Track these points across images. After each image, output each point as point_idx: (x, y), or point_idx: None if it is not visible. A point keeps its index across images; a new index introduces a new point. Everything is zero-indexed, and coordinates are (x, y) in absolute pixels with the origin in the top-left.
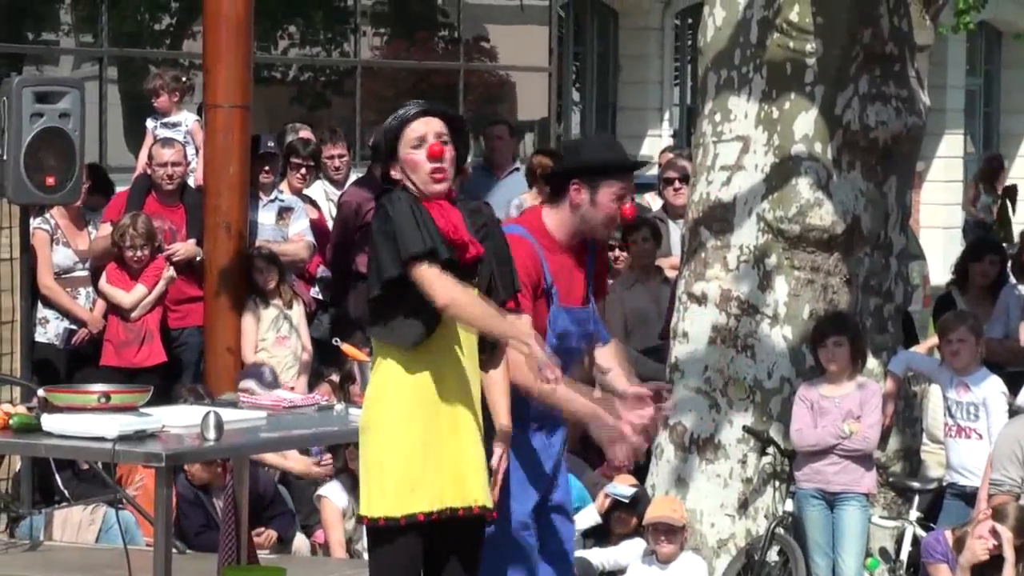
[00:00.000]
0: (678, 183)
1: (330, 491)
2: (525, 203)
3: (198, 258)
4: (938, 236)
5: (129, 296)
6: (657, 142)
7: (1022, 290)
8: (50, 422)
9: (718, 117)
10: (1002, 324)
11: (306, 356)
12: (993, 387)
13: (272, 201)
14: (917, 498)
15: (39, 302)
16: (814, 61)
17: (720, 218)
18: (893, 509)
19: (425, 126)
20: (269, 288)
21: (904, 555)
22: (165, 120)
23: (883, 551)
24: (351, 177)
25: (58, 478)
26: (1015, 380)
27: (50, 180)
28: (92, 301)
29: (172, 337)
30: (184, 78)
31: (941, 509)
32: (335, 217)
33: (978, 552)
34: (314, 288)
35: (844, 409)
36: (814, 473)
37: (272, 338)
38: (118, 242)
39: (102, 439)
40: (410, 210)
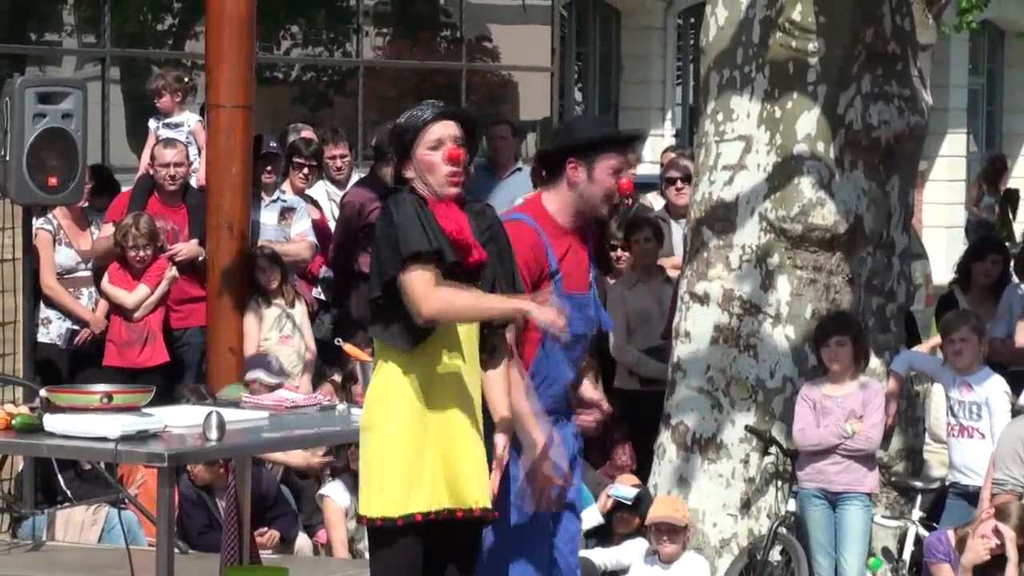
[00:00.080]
0: (680, 183)
1: (332, 491)
2: None
3: (200, 258)
4: (941, 235)
5: (132, 296)
6: (659, 142)
7: None
8: (52, 422)
9: (720, 116)
10: (1005, 323)
11: (309, 355)
12: (996, 386)
13: (274, 201)
14: (920, 498)
15: (41, 302)
16: (816, 60)
17: (722, 218)
18: (896, 509)
19: (444, 128)
20: (271, 288)
21: (907, 555)
22: (167, 120)
23: (885, 551)
24: (353, 177)
25: (60, 478)
26: (1018, 379)
27: (52, 180)
28: (94, 301)
29: (174, 337)
30: (186, 78)
31: (943, 509)
32: (337, 217)
33: (980, 551)
34: (316, 288)
35: (846, 409)
36: (816, 473)
37: (275, 337)
38: (121, 242)
39: (104, 439)
40: (415, 212)
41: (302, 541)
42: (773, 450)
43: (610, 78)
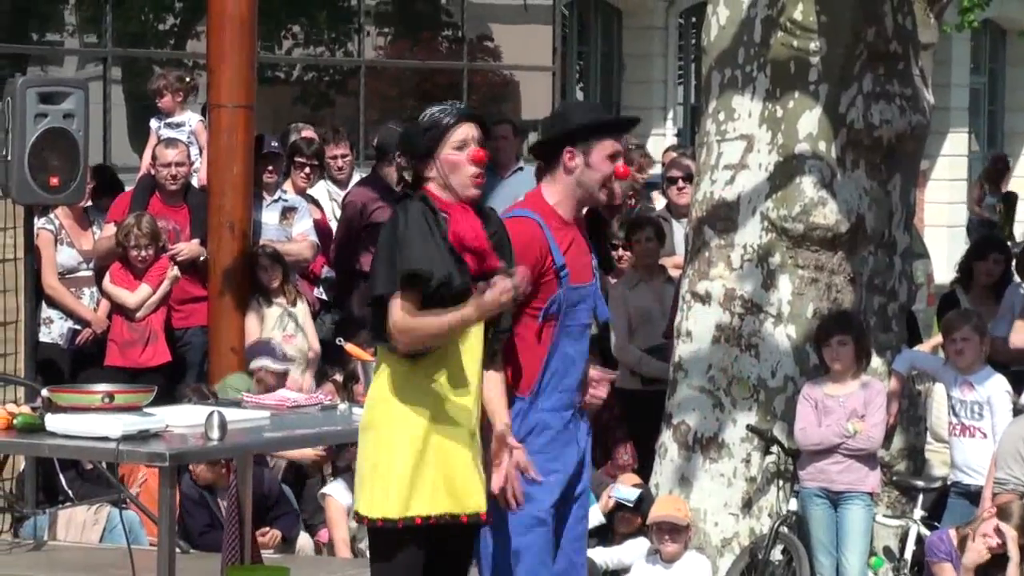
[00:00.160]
0: (682, 182)
1: (334, 490)
2: None
3: (202, 258)
4: (942, 234)
5: (133, 296)
6: (661, 141)
7: None
8: (54, 422)
9: (722, 116)
10: (1006, 323)
11: (312, 354)
12: (997, 386)
13: (276, 201)
14: (921, 497)
15: (43, 302)
16: (818, 60)
17: (724, 217)
18: (897, 508)
19: (469, 130)
20: (273, 287)
21: (908, 554)
22: (169, 120)
23: (887, 550)
24: (354, 177)
25: (62, 478)
26: (1019, 379)
27: (54, 180)
28: (96, 301)
29: (176, 337)
30: (188, 78)
31: (945, 508)
32: (339, 217)
33: (982, 551)
34: (318, 288)
35: (848, 408)
36: (818, 472)
37: (279, 337)
38: (122, 242)
39: (106, 439)
40: (422, 225)
41: (304, 540)
42: (775, 449)
43: (612, 77)
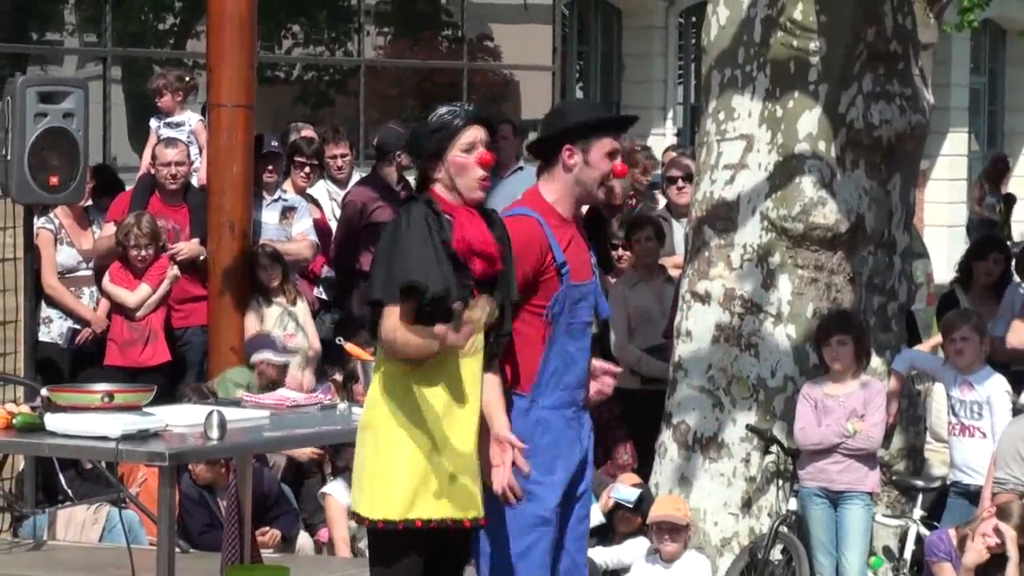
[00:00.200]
0: (681, 182)
1: (334, 489)
2: None
3: (202, 257)
4: (942, 234)
5: (133, 295)
6: (661, 141)
7: None
8: (53, 421)
9: (722, 116)
10: (1006, 323)
11: (312, 352)
12: (997, 386)
13: (275, 200)
14: (921, 497)
15: (43, 301)
16: (818, 59)
17: (724, 217)
18: (897, 508)
19: (477, 132)
20: (272, 287)
21: (908, 554)
22: (169, 120)
23: (887, 550)
24: (354, 176)
25: (62, 477)
26: (1019, 379)
27: (54, 180)
28: (96, 301)
29: (176, 336)
30: (187, 78)
31: (945, 508)
32: (339, 216)
33: (982, 551)
34: (317, 288)
35: (848, 408)
36: (818, 472)
37: (279, 336)
38: (122, 241)
39: (105, 438)
40: (424, 232)
41: (303, 540)
42: (774, 449)
43: (611, 77)
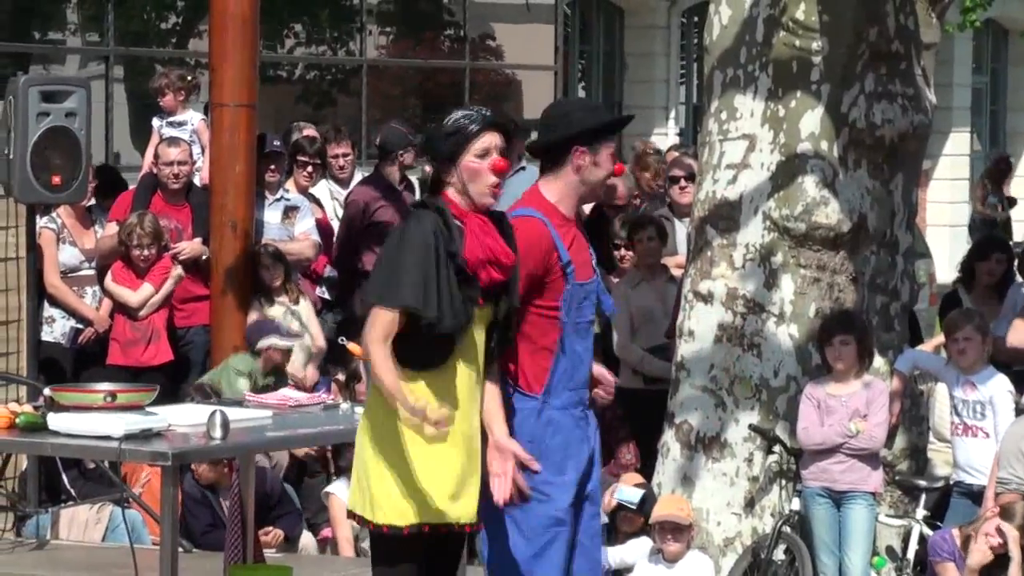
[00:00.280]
0: (684, 181)
1: (338, 488)
2: None
3: (204, 257)
4: (944, 234)
5: (136, 295)
6: (663, 140)
7: None
8: (56, 421)
9: (724, 115)
10: (1008, 322)
11: (316, 349)
12: (1000, 385)
13: (278, 200)
14: (924, 497)
15: (45, 301)
16: (820, 59)
17: (726, 216)
18: (900, 508)
19: (492, 139)
20: (275, 286)
21: (911, 554)
22: (171, 119)
23: (889, 549)
24: (356, 176)
25: (64, 477)
26: (1022, 378)
27: (56, 179)
28: (98, 300)
29: (178, 336)
30: (190, 77)
31: (948, 508)
32: (341, 216)
33: (985, 551)
34: (320, 288)
35: (851, 408)
36: (820, 472)
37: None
38: (125, 241)
39: (108, 438)
40: (430, 245)
41: (306, 540)
42: (777, 449)
43: (614, 77)
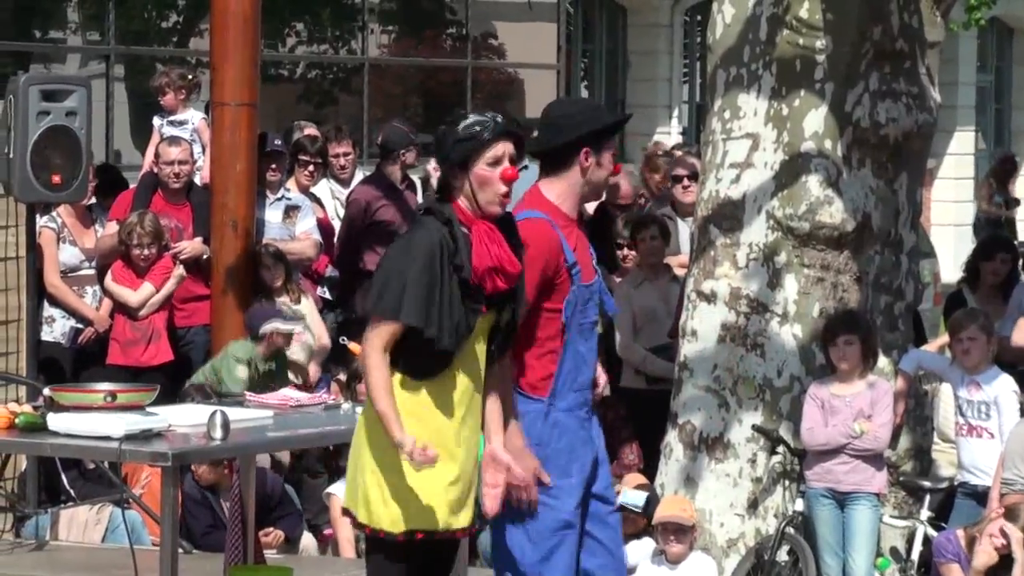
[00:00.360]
0: (687, 181)
1: (339, 489)
2: None
3: (205, 256)
4: (949, 233)
5: (136, 295)
6: (666, 139)
7: None
8: (56, 421)
9: (727, 114)
10: (1013, 322)
11: (318, 347)
12: (1004, 386)
13: (279, 199)
14: (928, 497)
15: (45, 301)
16: (824, 58)
17: (729, 216)
18: (904, 508)
19: (505, 147)
20: (276, 286)
21: (915, 555)
22: (172, 118)
23: (894, 551)
24: (357, 175)
25: (64, 477)
26: None
27: (56, 178)
28: (99, 300)
29: (179, 336)
30: (190, 76)
31: (952, 509)
32: (343, 215)
33: (991, 552)
34: (321, 288)
35: (855, 408)
36: (824, 472)
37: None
38: (125, 240)
39: (108, 438)
40: (435, 259)
41: (307, 541)
42: (780, 449)
43: (616, 75)
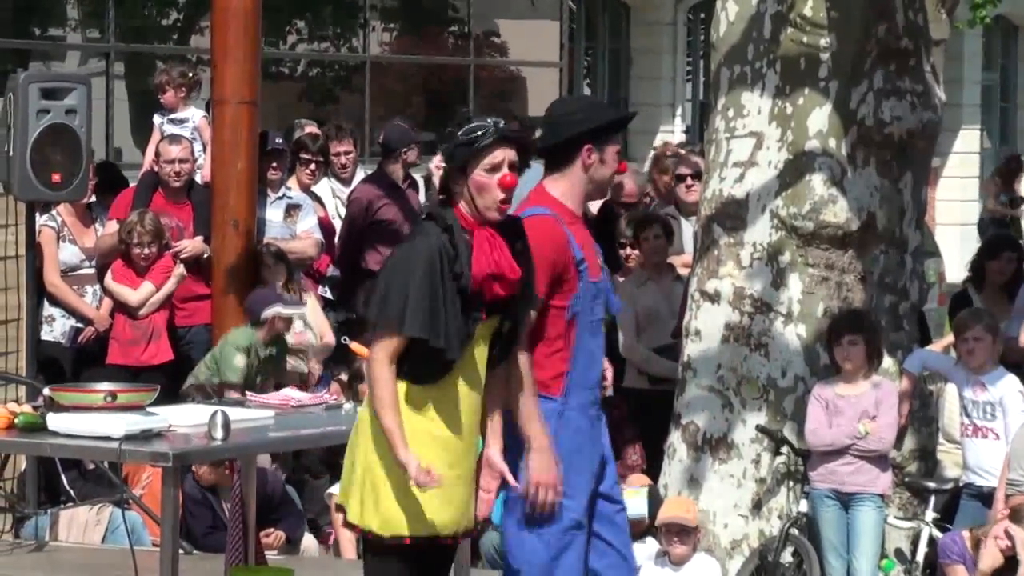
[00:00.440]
0: (691, 180)
1: None
2: None
3: (205, 255)
4: (954, 233)
5: (136, 294)
6: (669, 138)
7: None
8: (56, 421)
9: (731, 113)
10: (1019, 322)
11: (321, 344)
12: (1010, 386)
13: (280, 198)
14: (933, 498)
15: (45, 300)
16: (828, 56)
17: (733, 215)
18: (909, 510)
19: (504, 153)
20: (277, 285)
21: (920, 556)
22: (172, 116)
23: (899, 552)
24: (358, 174)
25: (64, 478)
26: None
27: (56, 177)
28: (99, 299)
29: (179, 335)
30: (191, 73)
31: (957, 510)
32: (344, 214)
33: (997, 554)
34: (322, 287)
35: (859, 408)
36: (829, 473)
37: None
38: (125, 239)
39: (108, 438)
40: (435, 269)
41: (308, 541)
42: (785, 450)
43: (619, 74)
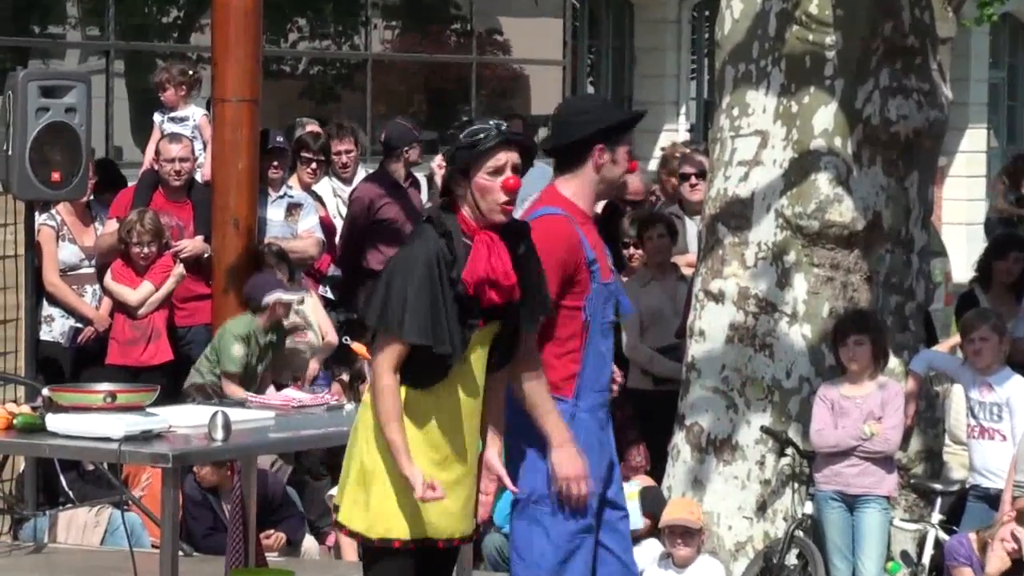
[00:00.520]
0: (695, 179)
1: None
2: None
3: (206, 255)
4: (960, 232)
5: (135, 293)
6: (674, 137)
7: None
8: (55, 422)
9: (736, 111)
10: None
11: (323, 343)
12: (1017, 387)
13: (281, 197)
14: (939, 500)
15: (44, 300)
16: (834, 54)
17: (738, 214)
18: (915, 511)
19: (507, 156)
20: None
21: (926, 558)
22: (172, 114)
23: (904, 554)
24: (359, 173)
25: (63, 479)
26: None
27: (56, 175)
28: (98, 299)
29: (179, 335)
30: (191, 71)
31: (964, 512)
32: (346, 213)
33: (1004, 557)
34: (324, 287)
35: (865, 409)
36: (834, 475)
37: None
38: (125, 238)
39: (108, 439)
40: (436, 277)
41: (309, 543)
42: (789, 451)
43: (623, 72)
